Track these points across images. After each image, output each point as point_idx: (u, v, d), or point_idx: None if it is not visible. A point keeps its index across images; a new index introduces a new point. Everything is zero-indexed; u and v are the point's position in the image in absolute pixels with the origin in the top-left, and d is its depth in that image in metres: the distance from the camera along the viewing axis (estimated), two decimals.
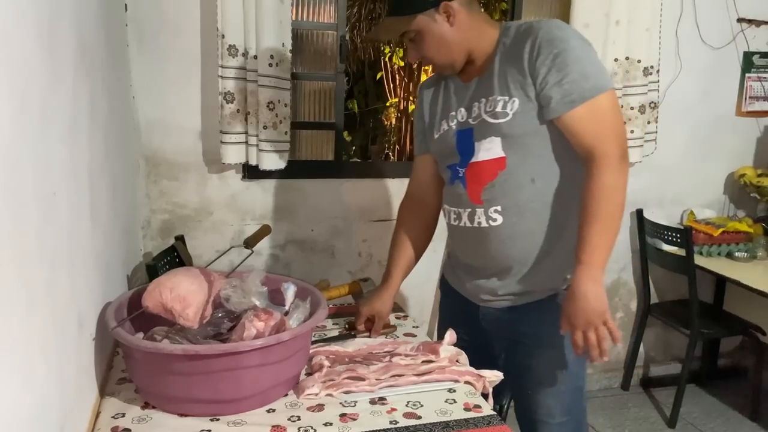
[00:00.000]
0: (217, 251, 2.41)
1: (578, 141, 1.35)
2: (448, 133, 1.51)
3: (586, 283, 1.31)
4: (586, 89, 1.31)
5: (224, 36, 2.20)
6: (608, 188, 1.32)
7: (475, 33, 1.42)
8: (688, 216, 3.02)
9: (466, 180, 1.46)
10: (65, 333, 1.01)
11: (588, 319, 1.31)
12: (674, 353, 3.25)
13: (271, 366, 1.20)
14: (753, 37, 2.98)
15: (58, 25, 1.03)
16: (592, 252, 1.31)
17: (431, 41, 1.41)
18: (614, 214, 1.33)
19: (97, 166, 1.34)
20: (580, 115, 1.33)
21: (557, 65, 1.31)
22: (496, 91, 1.40)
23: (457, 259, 1.63)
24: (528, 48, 1.34)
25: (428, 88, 1.63)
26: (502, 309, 1.52)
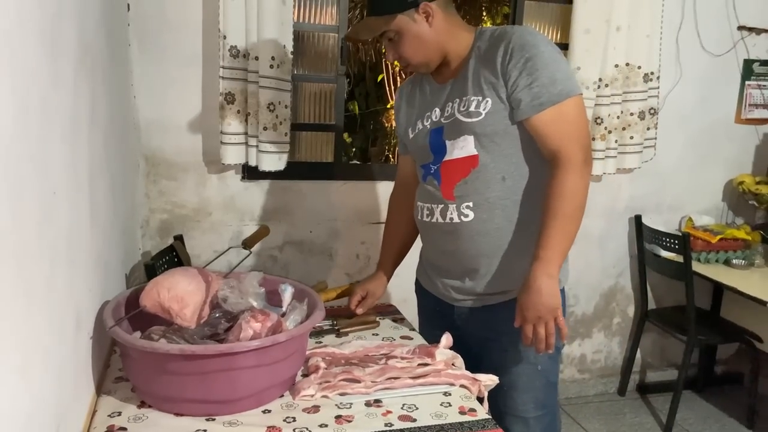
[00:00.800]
0: (216, 251, 2.41)
1: (544, 143, 1.42)
2: (422, 132, 1.57)
3: (541, 277, 1.35)
4: (554, 93, 1.38)
5: (226, 37, 2.21)
6: (570, 189, 1.38)
7: (450, 35, 1.48)
8: (687, 222, 3.03)
9: (440, 176, 1.52)
10: (63, 331, 1.02)
11: (539, 313, 1.36)
12: (671, 359, 3.25)
13: (267, 367, 1.20)
14: (753, 44, 2.99)
15: (60, 25, 1.03)
16: (549, 248, 1.36)
17: (409, 41, 1.45)
18: (574, 214, 1.39)
19: (97, 166, 1.34)
20: (548, 118, 1.39)
21: (528, 69, 1.38)
22: (469, 92, 1.46)
23: (428, 261, 1.68)
24: (501, 52, 1.41)
25: (405, 90, 1.69)
26: (475, 308, 1.58)
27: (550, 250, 1.36)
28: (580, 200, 1.40)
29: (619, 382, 3.19)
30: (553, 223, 1.37)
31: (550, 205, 1.38)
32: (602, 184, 2.88)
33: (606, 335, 3.14)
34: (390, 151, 7.51)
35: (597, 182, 2.86)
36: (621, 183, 2.93)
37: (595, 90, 2.62)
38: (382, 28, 1.44)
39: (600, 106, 2.65)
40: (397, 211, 1.79)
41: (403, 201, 1.76)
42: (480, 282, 1.54)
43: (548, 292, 1.35)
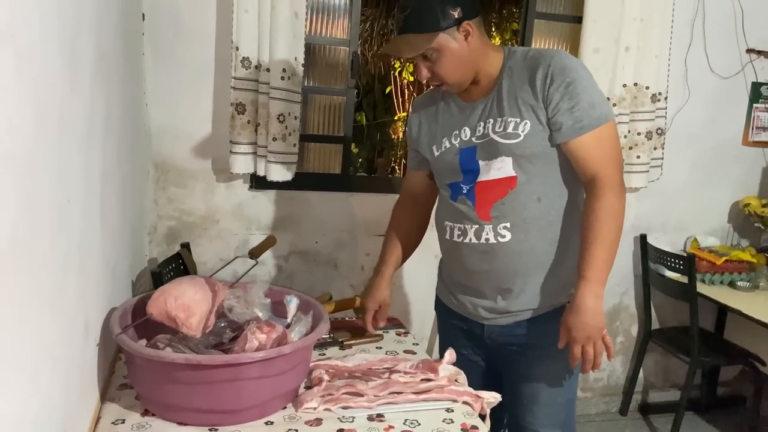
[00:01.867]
0: (222, 260, 2.42)
1: (583, 165, 1.44)
2: (450, 150, 1.56)
3: (590, 298, 1.39)
4: (594, 117, 1.41)
5: (238, 48, 2.24)
6: (611, 210, 1.41)
7: (483, 54, 1.48)
8: (692, 243, 3.03)
9: (475, 197, 1.51)
10: (72, 338, 1.03)
11: (588, 333, 1.39)
12: (674, 380, 3.23)
13: (271, 378, 1.21)
14: (762, 68, 3.00)
15: (79, 37, 1.05)
16: (595, 269, 1.39)
17: (449, 60, 1.44)
18: (616, 234, 1.42)
19: (109, 173, 1.36)
20: (587, 141, 1.42)
21: (569, 93, 1.40)
22: (506, 113, 1.46)
23: (454, 280, 1.65)
24: (541, 74, 1.42)
25: (422, 106, 1.67)
26: (507, 325, 1.57)
27: (596, 271, 1.39)
28: (621, 221, 1.43)
29: (621, 402, 3.17)
30: (597, 245, 1.39)
31: (593, 226, 1.40)
32: None
33: None
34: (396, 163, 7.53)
35: None
36: (627, 202, 2.85)
37: None
38: (425, 46, 1.41)
39: None
40: (401, 220, 1.78)
41: (408, 212, 1.76)
42: (513, 301, 1.54)
43: (596, 312, 1.39)
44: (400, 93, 6.95)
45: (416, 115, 1.69)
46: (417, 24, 1.41)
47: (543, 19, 2.77)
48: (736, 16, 2.87)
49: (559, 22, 2.79)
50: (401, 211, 1.79)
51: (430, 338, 2.80)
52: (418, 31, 1.41)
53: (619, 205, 1.43)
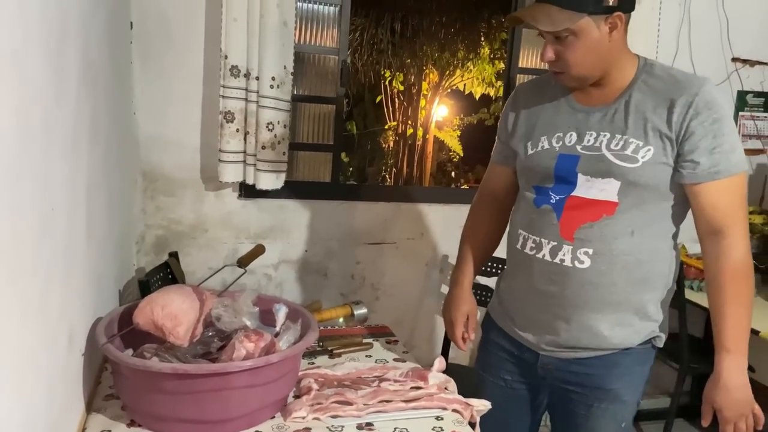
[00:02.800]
0: (211, 268, 2.41)
1: (710, 213, 1.30)
2: (548, 152, 1.39)
3: (737, 374, 1.29)
4: (732, 164, 1.28)
5: (227, 57, 2.23)
6: (745, 268, 1.29)
7: (620, 56, 1.33)
8: (680, 250, 3.04)
9: (562, 211, 1.36)
10: (56, 347, 1.02)
11: (741, 410, 1.31)
12: (664, 387, 3.24)
13: (259, 387, 1.20)
14: (747, 76, 3.03)
15: (64, 45, 1.05)
16: (739, 339, 1.29)
17: (584, 47, 1.27)
18: (752, 296, 1.30)
19: (95, 181, 1.35)
20: (720, 188, 1.28)
21: (714, 132, 1.26)
22: (629, 131, 1.30)
23: (514, 298, 1.51)
24: (684, 102, 1.26)
25: (527, 95, 1.51)
26: (566, 360, 1.43)
27: (740, 341, 1.28)
28: (750, 277, 1.31)
29: None
30: (737, 310, 1.28)
31: (730, 287, 1.28)
32: None
33: None
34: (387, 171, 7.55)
35: None
36: None
37: None
38: (566, 24, 1.24)
39: None
40: (479, 223, 1.62)
41: (488, 213, 1.61)
42: (576, 335, 1.40)
43: (745, 387, 1.30)
44: (390, 102, 6.97)
45: (516, 104, 1.51)
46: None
47: (531, 28, 2.78)
48: (722, 25, 2.91)
49: None
50: (480, 211, 1.62)
51: (421, 347, 2.80)
52: (565, 6, 1.24)
53: (751, 264, 1.30)
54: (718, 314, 1.30)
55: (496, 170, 1.60)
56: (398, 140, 7.74)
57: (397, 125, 7.66)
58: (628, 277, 1.35)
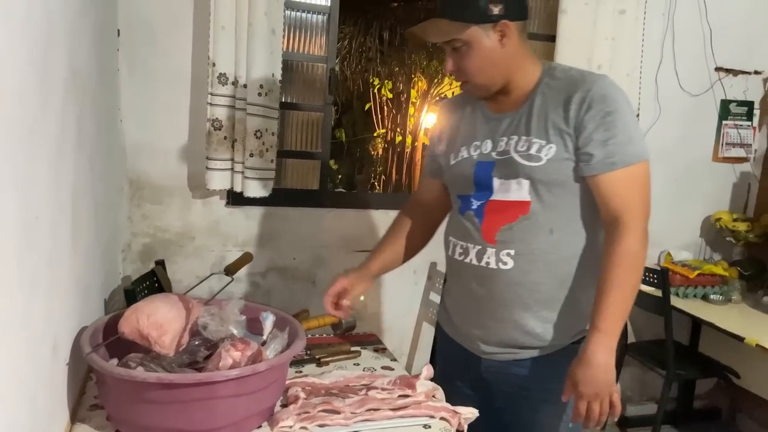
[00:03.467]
0: (198, 277, 2.39)
1: (606, 203, 1.33)
2: (467, 161, 1.45)
3: (602, 352, 1.29)
4: (628, 154, 1.31)
5: (215, 64, 2.23)
6: (632, 255, 1.31)
7: (519, 63, 1.38)
8: (666, 257, 3.07)
9: (483, 216, 1.41)
10: (39, 357, 1.01)
11: (597, 389, 1.29)
12: (650, 393, 3.26)
13: (246, 397, 1.19)
14: (730, 85, 3.08)
15: (50, 53, 1.04)
16: (611, 320, 1.29)
17: (477, 57, 1.34)
18: (636, 283, 1.33)
19: (81, 189, 1.34)
20: (617, 179, 1.31)
21: (606, 124, 1.30)
22: (533, 132, 1.36)
23: (454, 304, 1.56)
24: (578, 99, 1.32)
25: (449, 110, 1.57)
26: (506, 362, 1.46)
27: (611, 323, 1.29)
28: (641, 268, 1.34)
29: None
30: (615, 293, 1.29)
31: (612, 272, 1.30)
32: None
33: None
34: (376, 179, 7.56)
35: None
36: None
37: None
38: (453, 35, 1.31)
39: None
40: (402, 223, 1.64)
41: (412, 218, 1.64)
42: (510, 335, 1.43)
43: (608, 367, 1.29)
44: (379, 110, 6.99)
45: (442, 119, 1.58)
46: (452, 10, 1.32)
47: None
48: (705, 35, 2.96)
49: (534, 41, 2.84)
50: (405, 215, 1.66)
51: (409, 354, 2.79)
52: (452, 18, 1.31)
53: (641, 253, 1.32)
54: (598, 295, 1.31)
55: (425, 182, 1.66)
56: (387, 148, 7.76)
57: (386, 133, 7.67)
58: (553, 275, 1.39)
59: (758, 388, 2.78)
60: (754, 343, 2.41)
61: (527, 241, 1.37)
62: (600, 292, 1.31)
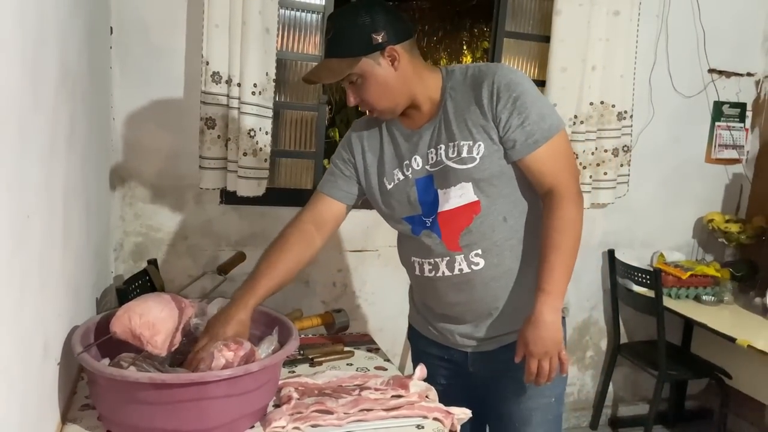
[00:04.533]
0: (190, 276, 2.38)
1: (540, 179, 1.41)
2: (406, 182, 1.47)
3: (548, 312, 1.35)
4: (545, 129, 1.38)
5: (209, 63, 2.22)
6: (569, 221, 1.38)
7: (417, 78, 1.41)
8: (658, 258, 3.09)
9: (440, 229, 1.44)
10: (30, 357, 1.00)
11: (545, 348, 1.35)
12: (642, 394, 3.27)
13: (238, 397, 1.19)
14: (723, 87, 3.09)
15: (41, 51, 1.03)
16: (554, 281, 1.36)
17: (374, 85, 1.37)
18: (575, 246, 1.40)
19: (72, 189, 1.33)
20: (541, 155, 1.39)
21: (517, 108, 1.36)
22: (457, 136, 1.40)
23: (431, 311, 1.59)
24: (486, 93, 1.38)
25: (362, 133, 1.55)
26: (492, 351, 1.53)
27: (554, 284, 1.36)
28: (579, 231, 1.40)
29: (591, 416, 3.20)
30: (556, 256, 1.36)
31: (552, 238, 1.37)
32: None
33: (579, 368, 3.16)
34: None
35: None
36: (595, 218, 2.98)
37: (571, 126, 2.68)
38: (345, 71, 1.34)
39: (575, 143, 2.71)
40: (293, 245, 1.49)
41: (305, 241, 1.51)
42: (495, 325, 1.50)
43: (555, 326, 1.35)
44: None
45: (358, 139, 1.54)
46: (339, 48, 1.34)
47: (512, 38, 2.82)
48: (698, 37, 2.97)
49: (528, 42, 2.85)
50: (297, 235, 1.51)
51: (402, 355, 2.79)
52: (340, 56, 1.34)
53: (577, 215, 1.40)
54: (542, 260, 1.38)
55: (326, 201, 1.55)
56: None
57: None
58: (519, 259, 1.46)
59: (750, 389, 2.79)
60: (745, 344, 2.42)
61: (488, 236, 1.43)
62: (543, 257, 1.38)
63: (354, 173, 1.55)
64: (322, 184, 1.59)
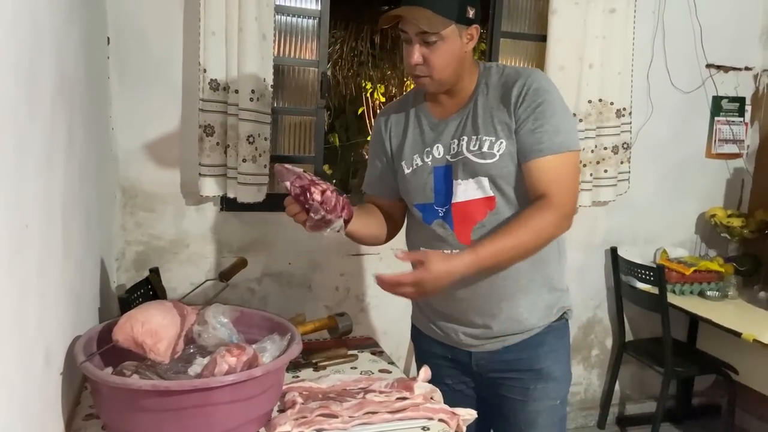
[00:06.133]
0: (193, 284, 2.38)
1: (535, 185, 1.39)
2: (423, 169, 1.49)
3: (463, 272, 1.32)
4: (555, 143, 1.37)
5: (206, 70, 2.23)
6: (542, 230, 1.37)
7: (468, 64, 1.45)
8: (661, 255, 3.07)
9: (452, 220, 1.45)
10: (31, 367, 0.99)
11: (429, 292, 1.33)
12: (649, 391, 3.26)
13: (242, 402, 1.18)
14: (721, 82, 3.09)
15: (37, 60, 1.03)
16: (489, 258, 1.33)
17: (447, 53, 1.38)
18: (528, 251, 1.38)
19: (71, 198, 1.33)
20: (543, 164, 1.38)
21: (536, 114, 1.37)
22: (481, 131, 1.42)
23: (434, 308, 1.58)
24: (515, 93, 1.40)
25: (390, 117, 1.58)
26: (496, 350, 1.53)
27: (489, 260, 1.34)
28: (543, 241, 1.39)
29: (598, 415, 3.18)
30: (510, 246, 1.34)
31: (520, 231, 1.35)
32: (579, 217, 2.88)
33: (585, 368, 3.15)
34: None
35: None
36: (597, 216, 2.97)
37: None
38: (439, 28, 1.34)
39: None
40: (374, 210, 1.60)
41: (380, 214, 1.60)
42: (500, 325, 1.49)
43: (449, 283, 1.33)
44: (372, 114, 6.99)
45: (384, 123, 1.59)
46: (438, 3, 1.34)
47: (509, 38, 2.82)
48: (695, 32, 2.97)
49: (525, 41, 2.85)
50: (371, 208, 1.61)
51: (406, 358, 2.78)
52: (436, 11, 1.34)
53: (553, 227, 1.38)
54: (498, 235, 1.35)
55: (377, 200, 1.63)
56: None
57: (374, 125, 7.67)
58: (527, 260, 1.43)
59: (757, 384, 2.78)
60: (751, 338, 2.41)
61: None
62: (499, 233, 1.36)
63: (389, 160, 1.58)
64: (366, 184, 1.67)
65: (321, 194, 1.34)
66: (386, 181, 1.61)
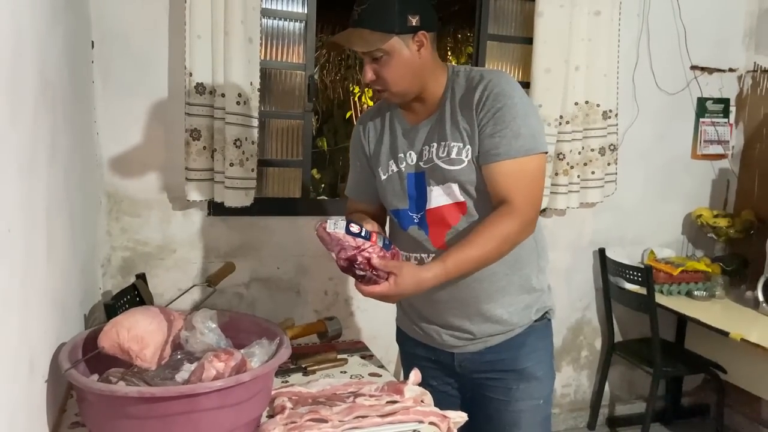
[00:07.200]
0: (180, 289, 2.36)
1: (495, 190, 1.39)
2: (398, 175, 1.50)
3: (432, 284, 1.33)
4: (513, 147, 1.36)
5: (192, 74, 2.21)
6: (505, 238, 1.36)
7: (432, 71, 1.43)
8: (649, 255, 3.09)
9: (427, 226, 1.47)
10: (15, 375, 0.98)
11: (394, 298, 1.35)
12: (639, 392, 3.27)
13: (230, 408, 1.17)
14: (706, 84, 3.12)
15: (18, 62, 1.02)
16: (457, 269, 1.34)
17: (397, 66, 1.37)
18: (492, 257, 1.38)
19: (55, 203, 1.31)
20: (501, 170, 1.37)
21: (496, 119, 1.36)
22: (449, 137, 1.41)
23: (416, 310, 1.59)
24: (477, 97, 1.38)
25: (367, 123, 1.59)
26: (478, 351, 1.53)
27: (456, 272, 1.34)
28: (506, 248, 1.38)
29: (588, 416, 3.19)
30: (476, 255, 1.34)
31: (482, 238, 1.34)
32: (566, 219, 2.93)
33: (575, 369, 3.16)
34: None
35: (561, 216, 2.91)
36: (584, 217, 2.99)
37: (557, 127, 2.69)
38: (377, 44, 1.34)
39: (562, 143, 2.72)
40: None
41: None
42: (479, 326, 1.51)
43: (418, 293, 1.35)
44: None
45: (363, 128, 1.60)
46: (373, 20, 1.34)
47: (495, 41, 2.83)
48: (679, 34, 2.99)
49: (511, 44, 2.86)
50: None
51: (397, 361, 2.77)
52: (373, 29, 1.34)
53: (515, 234, 1.37)
54: (463, 245, 1.35)
55: (355, 205, 1.64)
56: None
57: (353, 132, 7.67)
58: (504, 261, 1.43)
59: (745, 383, 2.80)
60: (739, 337, 2.43)
61: None
62: (465, 245, 1.35)
63: (369, 166, 1.59)
64: (348, 189, 1.67)
65: (368, 263, 1.32)
66: (367, 186, 1.61)
